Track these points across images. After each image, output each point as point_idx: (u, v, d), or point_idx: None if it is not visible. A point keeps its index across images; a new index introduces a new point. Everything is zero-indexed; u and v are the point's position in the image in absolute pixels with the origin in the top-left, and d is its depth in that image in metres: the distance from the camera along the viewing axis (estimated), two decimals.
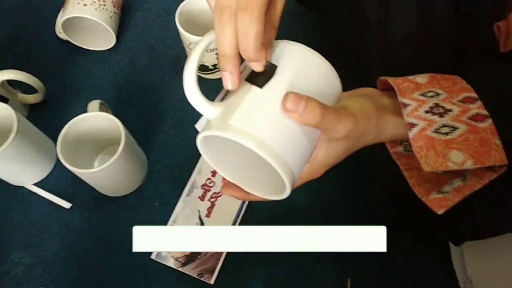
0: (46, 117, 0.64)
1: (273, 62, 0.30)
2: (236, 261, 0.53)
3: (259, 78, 0.29)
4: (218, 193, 0.57)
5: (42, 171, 0.59)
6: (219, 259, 0.54)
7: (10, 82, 0.59)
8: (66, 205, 0.57)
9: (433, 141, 0.31)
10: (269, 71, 0.29)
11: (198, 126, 0.33)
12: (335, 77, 0.31)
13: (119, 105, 0.64)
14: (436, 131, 0.31)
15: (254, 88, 0.29)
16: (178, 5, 0.60)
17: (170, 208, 0.57)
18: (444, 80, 0.34)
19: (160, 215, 0.56)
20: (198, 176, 0.59)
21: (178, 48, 0.69)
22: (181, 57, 0.68)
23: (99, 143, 0.57)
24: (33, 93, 0.62)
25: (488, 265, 0.50)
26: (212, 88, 0.58)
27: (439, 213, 0.33)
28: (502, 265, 0.45)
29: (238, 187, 0.34)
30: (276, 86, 0.29)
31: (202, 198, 0.57)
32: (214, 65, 0.63)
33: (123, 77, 0.68)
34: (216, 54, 0.60)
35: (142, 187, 0.59)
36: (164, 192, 0.59)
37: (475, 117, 0.31)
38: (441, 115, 0.32)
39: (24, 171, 0.57)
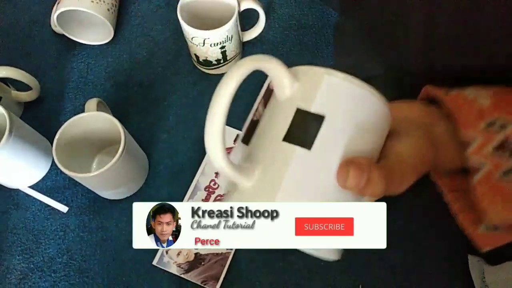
0: (42, 115, 0.61)
1: (312, 104, 0.23)
2: (242, 267, 0.51)
3: (302, 134, 0.23)
4: (223, 195, 0.55)
5: (37, 173, 0.56)
6: (224, 266, 0.51)
7: (3, 79, 0.56)
8: (63, 208, 0.54)
9: (501, 188, 0.26)
10: (314, 122, 0.23)
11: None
12: (389, 115, 0.26)
13: (119, 102, 0.61)
14: (506, 174, 0.27)
15: (299, 150, 0.22)
16: None
17: None
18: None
19: None
20: (201, 178, 0.56)
21: (180, 41, 0.65)
22: (183, 50, 0.65)
23: (97, 144, 0.54)
24: (27, 91, 0.59)
25: (508, 274, 0.48)
26: (216, 85, 0.56)
27: (483, 251, 0.29)
28: None
29: None
30: (328, 147, 0.22)
31: (206, 200, 0.55)
32: (218, 60, 0.59)
33: (122, 73, 0.64)
34: (221, 48, 0.57)
35: (143, 189, 0.56)
36: (166, 194, 0.56)
37: None
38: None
39: (18, 173, 0.54)
